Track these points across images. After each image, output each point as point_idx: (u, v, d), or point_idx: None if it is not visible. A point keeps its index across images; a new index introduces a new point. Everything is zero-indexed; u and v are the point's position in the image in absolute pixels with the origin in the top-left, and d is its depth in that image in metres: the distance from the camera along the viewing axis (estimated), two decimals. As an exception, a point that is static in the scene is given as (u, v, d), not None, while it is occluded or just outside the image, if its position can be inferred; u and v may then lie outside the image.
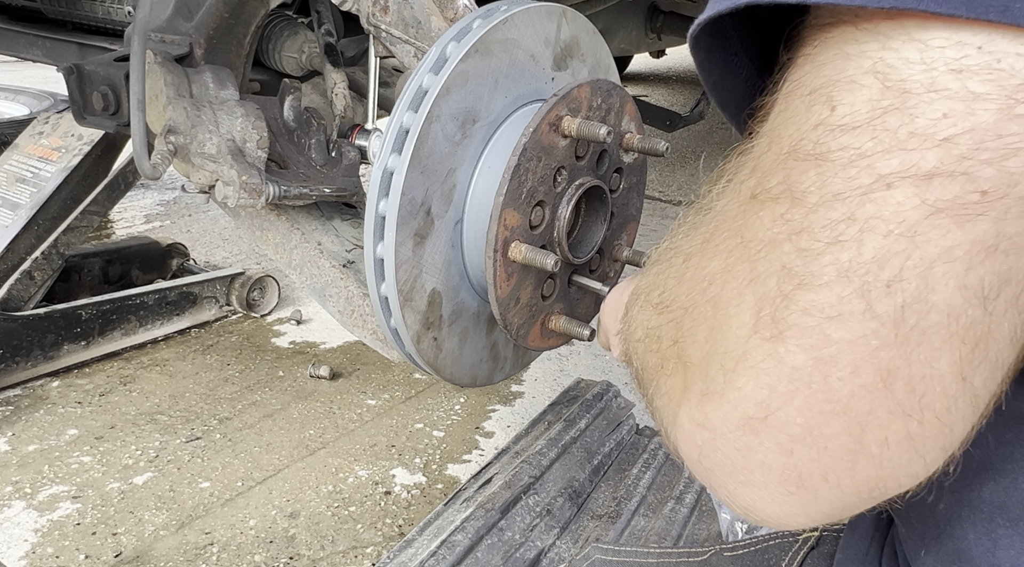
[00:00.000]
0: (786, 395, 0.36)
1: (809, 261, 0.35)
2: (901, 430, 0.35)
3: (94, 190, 2.08)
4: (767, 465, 0.37)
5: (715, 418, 0.39)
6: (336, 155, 1.30)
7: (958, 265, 0.32)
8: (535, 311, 1.06)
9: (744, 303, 0.38)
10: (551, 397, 1.81)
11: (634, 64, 6.76)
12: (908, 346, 0.33)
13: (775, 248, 0.36)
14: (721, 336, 0.39)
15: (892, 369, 0.34)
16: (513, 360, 1.24)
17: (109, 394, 2.03)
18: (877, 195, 0.33)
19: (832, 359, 0.34)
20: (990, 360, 0.34)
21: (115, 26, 1.64)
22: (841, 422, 0.35)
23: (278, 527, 1.59)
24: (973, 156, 0.32)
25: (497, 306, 0.99)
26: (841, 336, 0.34)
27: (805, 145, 0.36)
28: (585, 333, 1.08)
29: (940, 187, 0.32)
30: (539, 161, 0.95)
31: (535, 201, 0.98)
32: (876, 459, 0.35)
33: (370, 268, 0.99)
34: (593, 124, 0.95)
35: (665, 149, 1.04)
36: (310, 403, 2.04)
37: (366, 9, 1.14)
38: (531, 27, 1.02)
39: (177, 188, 3.73)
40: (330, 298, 1.33)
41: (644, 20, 3.17)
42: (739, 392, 0.37)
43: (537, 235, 1.00)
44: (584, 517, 1.44)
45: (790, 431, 0.36)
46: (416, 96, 0.94)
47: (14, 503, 1.63)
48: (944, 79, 0.32)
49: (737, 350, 0.37)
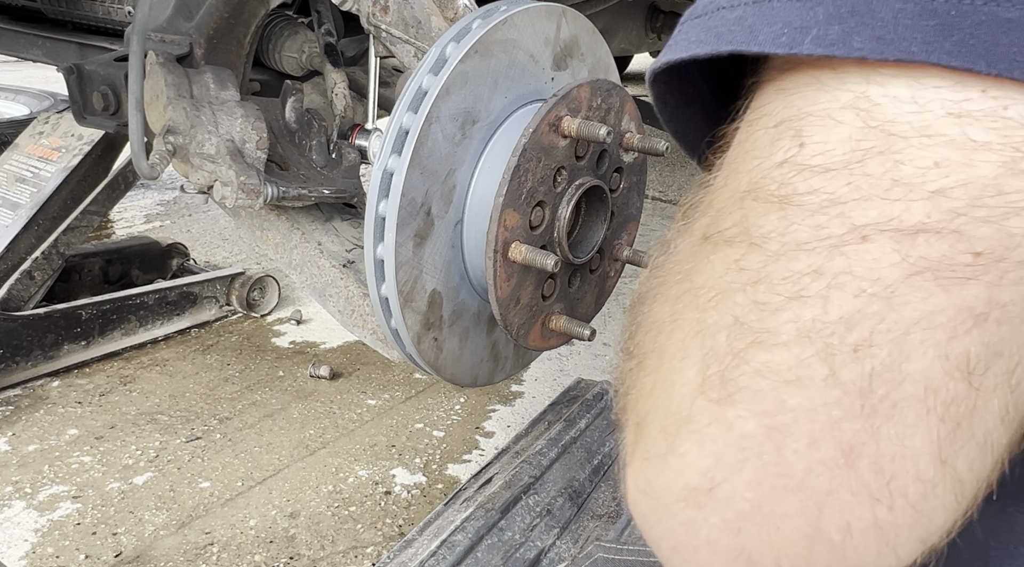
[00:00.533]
0: (734, 465, 0.32)
1: (765, 316, 0.31)
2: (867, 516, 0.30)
3: (94, 190, 2.08)
4: (713, 544, 0.33)
5: (657, 485, 0.35)
6: (336, 156, 1.30)
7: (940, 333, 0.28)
8: (535, 311, 1.06)
9: (690, 358, 0.33)
10: (551, 397, 1.81)
11: (634, 64, 6.75)
12: (876, 420, 0.29)
13: (727, 298, 0.32)
14: (664, 393, 0.35)
15: (856, 444, 0.29)
16: (514, 360, 1.24)
17: (109, 394, 2.03)
18: (849, 248, 0.29)
19: (787, 428, 0.30)
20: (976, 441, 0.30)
21: (115, 26, 1.64)
22: (795, 500, 0.31)
23: (278, 527, 1.59)
24: (968, 212, 0.28)
25: (497, 306, 0.99)
26: (798, 403, 0.30)
27: (767, 184, 0.32)
28: (585, 333, 1.08)
29: (925, 244, 0.28)
30: (539, 161, 0.95)
31: (535, 201, 0.98)
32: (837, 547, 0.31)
33: (370, 269, 0.99)
34: (593, 124, 0.95)
35: (665, 149, 1.04)
36: (310, 403, 2.04)
37: (366, 9, 1.14)
38: (531, 27, 1.02)
39: (177, 188, 3.73)
40: (330, 298, 1.33)
41: (644, 20, 3.17)
42: (682, 458, 0.33)
43: (537, 235, 1.00)
44: (584, 517, 1.44)
45: (738, 507, 0.32)
46: (416, 97, 0.94)
47: (14, 503, 1.63)
48: (940, 123, 0.29)
49: (681, 411, 0.33)
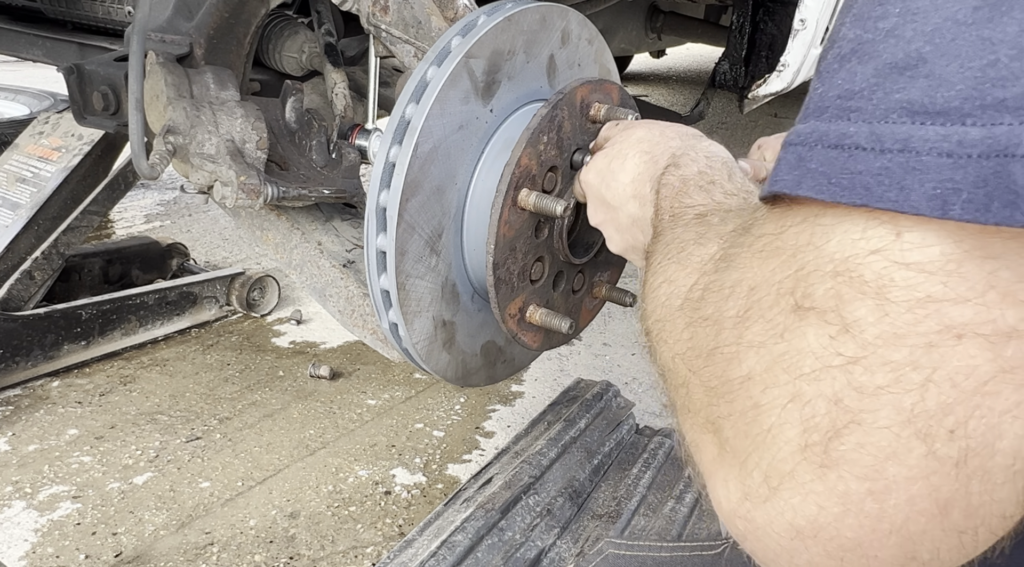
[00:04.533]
0: (837, 515, 0.35)
1: (864, 399, 0.33)
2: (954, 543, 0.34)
3: (94, 190, 2.08)
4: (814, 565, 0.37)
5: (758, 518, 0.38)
6: (336, 156, 1.30)
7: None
8: (520, 284, 1.04)
9: (789, 421, 0.36)
10: (551, 397, 1.81)
11: (634, 64, 6.75)
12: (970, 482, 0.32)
13: (824, 374, 0.35)
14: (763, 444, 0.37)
15: (950, 500, 0.33)
16: (513, 360, 1.24)
17: (109, 394, 2.03)
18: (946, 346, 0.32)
19: (887, 490, 0.34)
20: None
21: (115, 26, 1.64)
22: (894, 540, 0.34)
23: (278, 527, 1.59)
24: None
25: (492, 249, 0.98)
26: (898, 472, 0.33)
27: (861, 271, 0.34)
28: (564, 325, 1.04)
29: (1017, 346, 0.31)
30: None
31: (551, 164, 0.98)
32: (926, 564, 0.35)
33: (371, 261, 0.98)
34: (621, 110, 0.98)
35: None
36: (310, 403, 2.04)
37: (366, 9, 1.14)
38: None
39: (177, 188, 3.73)
40: (330, 298, 1.33)
41: (644, 20, 3.17)
42: (786, 503, 0.36)
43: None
44: (584, 517, 1.44)
45: (840, 543, 0.35)
46: (418, 89, 0.94)
47: (14, 503, 1.63)
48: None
49: (783, 466, 0.36)
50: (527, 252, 1.01)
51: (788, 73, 1.84)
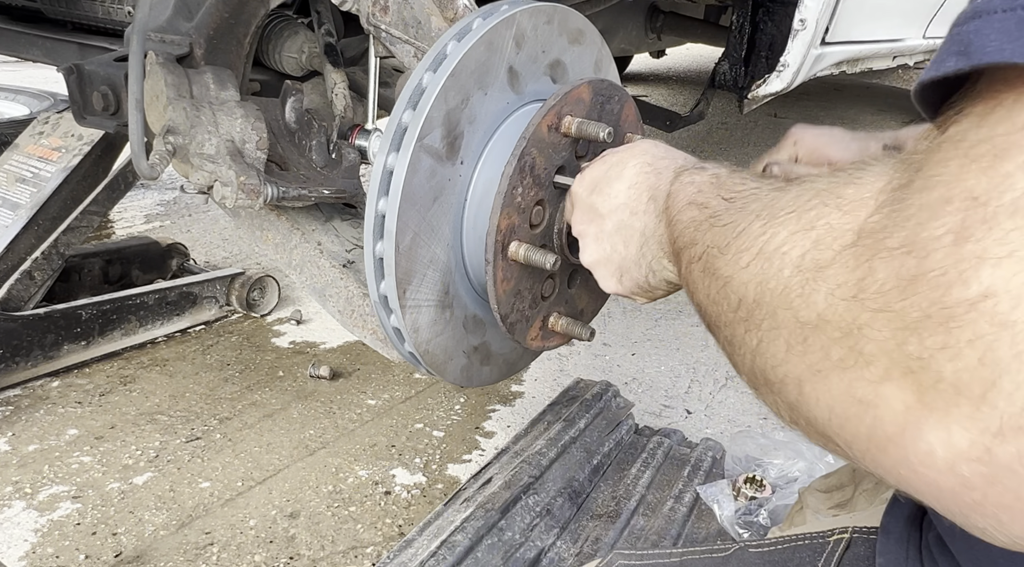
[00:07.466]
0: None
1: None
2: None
3: (94, 190, 2.08)
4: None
5: (1002, 454, 0.35)
6: (336, 157, 1.30)
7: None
8: (535, 311, 1.06)
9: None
10: (551, 397, 1.81)
11: (634, 64, 6.76)
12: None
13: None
14: (1014, 368, 0.34)
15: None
16: (514, 360, 1.24)
17: (109, 394, 2.03)
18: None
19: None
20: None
21: (115, 26, 1.64)
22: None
23: (278, 527, 1.59)
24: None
25: (497, 306, 0.99)
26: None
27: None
28: (585, 333, 1.08)
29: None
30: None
31: (535, 200, 0.98)
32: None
33: (370, 267, 0.99)
34: (593, 123, 0.96)
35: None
36: (310, 403, 2.05)
37: (366, 9, 1.14)
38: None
39: (177, 188, 3.73)
40: (330, 298, 1.33)
41: (644, 20, 3.17)
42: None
43: (537, 234, 1.01)
44: (584, 517, 1.44)
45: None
46: (415, 93, 0.94)
47: (14, 503, 1.63)
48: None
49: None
50: (533, 285, 1.03)
51: (788, 73, 1.84)
